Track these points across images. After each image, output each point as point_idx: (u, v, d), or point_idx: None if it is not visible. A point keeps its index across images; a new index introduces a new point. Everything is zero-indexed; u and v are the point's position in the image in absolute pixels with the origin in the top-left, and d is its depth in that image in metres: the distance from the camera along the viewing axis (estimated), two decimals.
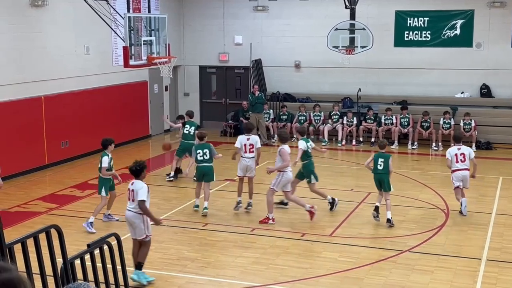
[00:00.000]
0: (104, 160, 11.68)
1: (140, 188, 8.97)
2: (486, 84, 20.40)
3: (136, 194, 8.97)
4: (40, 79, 16.41)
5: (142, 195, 8.92)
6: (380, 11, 20.86)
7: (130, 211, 9.12)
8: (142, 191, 8.95)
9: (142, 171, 9.18)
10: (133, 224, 9.10)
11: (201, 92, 23.56)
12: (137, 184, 9.11)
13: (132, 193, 9.09)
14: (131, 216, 9.10)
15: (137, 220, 9.05)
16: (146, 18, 15.17)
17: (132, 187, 9.12)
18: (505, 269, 9.76)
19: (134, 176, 9.20)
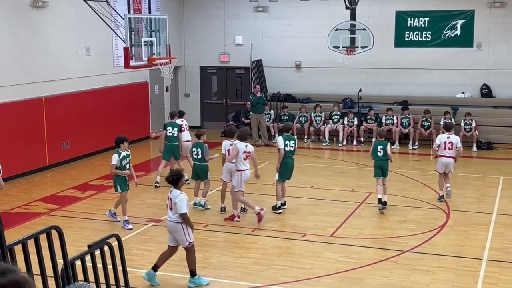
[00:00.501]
0: (113, 158, 11.67)
1: (180, 200, 8.96)
2: (487, 84, 20.40)
3: (175, 205, 8.98)
4: (41, 80, 16.42)
5: (183, 207, 8.95)
6: (381, 12, 20.86)
7: (169, 220, 9.14)
8: (183, 203, 8.96)
9: (179, 180, 9.14)
10: (174, 233, 9.13)
11: (202, 93, 23.56)
12: (174, 193, 9.10)
13: (170, 202, 9.11)
14: (171, 225, 9.13)
15: (177, 229, 9.07)
16: (146, 19, 15.18)
17: (171, 196, 9.13)
18: (506, 269, 9.76)
19: (172, 185, 9.18)
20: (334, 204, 13.36)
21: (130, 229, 11.63)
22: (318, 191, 14.28)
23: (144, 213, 12.85)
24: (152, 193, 14.63)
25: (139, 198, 14.04)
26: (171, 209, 9.08)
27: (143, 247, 10.82)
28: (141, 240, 11.25)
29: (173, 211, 9.05)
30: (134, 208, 13.25)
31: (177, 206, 8.93)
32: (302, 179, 15.15)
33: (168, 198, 9.18)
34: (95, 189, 14.79)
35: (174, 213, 9.02)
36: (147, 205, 13.43)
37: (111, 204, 13.50)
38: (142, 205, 13.49)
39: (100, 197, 14.17)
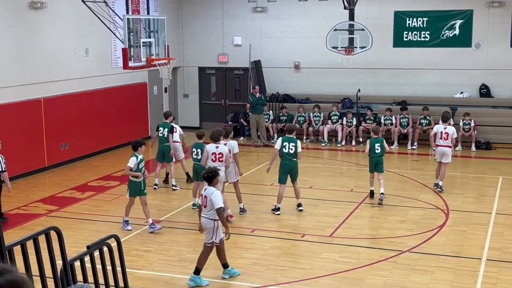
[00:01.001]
0: (131, 160, 11.45)
1: (215, 196, 9.07)
2: (486, 84, 20.41)
3: (210, 201, 9.07)
4: (40, 81, 16.41)
5: (218, 202, 9.04)
6: (379, 12, 20.86)
7: (203, 217, 9.25)
8: (218, 199, 9.06)
9: (214, 178, 9.25)
10: (205, 230, 9.28)
11: (201, 94, 23.56)
12: (209, 190, 9.19)
13: (205, 199, 9.19)
14: (204, 221, 9.24)
15: (208, 226, 9.18)
16: (145, 20, 15.17)
17: (205, 194, 9.22)
18: (505, 268, 9.76)
19: (207, 182, 9.29)
20: (333, 205, 13.36)
21: (129, 230, 11.63)
22: (317, 192, 14.27)
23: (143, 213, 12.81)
24: (151, 194, 14.59)
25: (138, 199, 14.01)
26: (205, 207, 9.18)
27: (143, 248, 10.82)
28: (140, 241, 11.24)
29: (207, 208, 9.15)
30: (133, 209, 13.22)
31: (213, 201, 9.02)
32: (301, 179, 15.07)
33: (203, 196, 9.29)
34: (94, 190, 14.78)
35: (208, 210, 9.13)
36: None
37: (110, 205, 13.54)
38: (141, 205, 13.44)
39: (99, 198, 14.17)
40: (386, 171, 15.97)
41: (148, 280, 9.46)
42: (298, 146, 12.48)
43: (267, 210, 12.98)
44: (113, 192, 14.59)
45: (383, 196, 13.28)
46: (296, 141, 12.56)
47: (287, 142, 12.47)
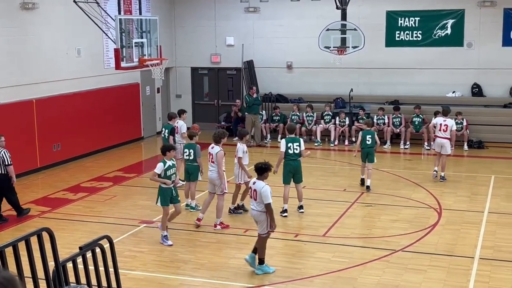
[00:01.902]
0: (158, 166, 10.83)
1: (265, 191, 9.24)
2: (477, 83, 20.47)
3: (260, 195, 9.27)
4: (32, 82, 16.36)
5: (269, 197, 9.23)
6: (371, 11, 20.90)
7: (253, 210, 9.48)
8: (267, 194, 9.24)
9: (266, 171, 9.49)
10: (258, 222, 9.51)
11: (193, 94, 23.53)
12: (258, 184, 9.38)
13: (254, 192, 9.36)
14: (256, 214, 9.47)
15: (261, 218, 9.44)
16: (137, 20, 15.13)
17: (255, 187, 9.39)
18: (497, 267, 9.79)
19: (258, 173, 9.48)
20: (326, 204, 13.37)
21: (170, 245, 10.84)
22: (310, 191, 14.27)
23: (136, 214, 12.82)
24: (144, 194, 14.59)
25: (131, 200, 14.02)
26: (255, 200, 9.36)
27: (135, 249, 10.79)
28: (133, 241, 11.21)
29: (257, 201, 9.35)
30: (126, 209, 13.24)
31: (263, 196, 9.23)
32: None
33: (252, 189, 9.44)
34: (87, 191, 14.74)
35: (259, 203, 9.32)
36: (139, 207, 13.40)
37: (103, 206, 13.50)
38: (134, 206, 13.46)
39: (92, 199, 14.13)
40: (379, 170, 16.06)
41: (142, 281, 9.45)
42: (302, 145, 12.49)
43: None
44: (105, 193, 14.56)
45: (369, 189, 14.14)
46: (299, 140, 12.61)
47: (291, 142, 12.44)
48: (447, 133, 14.96)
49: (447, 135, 14.98)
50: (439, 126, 15.06)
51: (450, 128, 14.97)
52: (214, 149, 11.90)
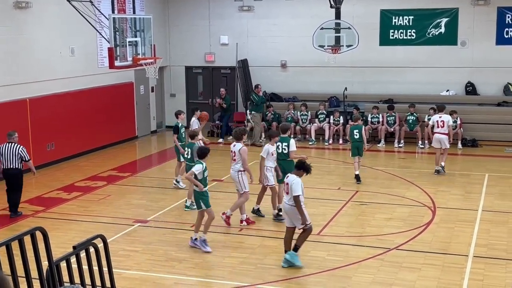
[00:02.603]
0: (197, 167, 10.48)
1: (296, 184, 9.46)
2: (471, 82, 20.51)
3: (291, 188, 9.43)
4: (25, 81, 16.30)
5: (297, 190, 9.41)
6: (365, 10, 20.91)
7: (286, 204, 9.61)
8: (298, 187, 9.44)
9: (302, 169, 9.70)
10: (291, 216, 9.65)
11: (188, 93, 23.50)
12: (291, 177, 9.62)
13: (287, 186, 9.55)
14: (288, 209, 9.61)
15: (293, 212, 9.53)
16: (131, 19, 15.10)
17: (287, 181, 9.59)
18: (491, 265, 9.82)
19: (296, 168, 9.74)
20: (321, 203, 13.37)
21: (209, 251, 10.48)
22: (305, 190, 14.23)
23: (130, 213, 12.81)
24: (138, 193, 14.59)
25: (125, 199, 14.00)
26: (287, 193, 9.55)
27: (129, 248, 10.77)
28: (128, 241, 11.19)
29: (289, 195, 9.51)
30: (120, 209, 13.21)
31: (292, 188, 9.40)
32: None
33: (285, 183, 9.66)
34: (81, 191, 14.71)
35: (291, 197, 9.49)
36: (133, 206, 13.39)
37: (97, 205, 13.48)
38: (128, 205, 13.44)
39: (86, 198, 14.10)
40: (373, 168, 16.12)
41: (136, 280, 9.43)
42: (291, 145, 12.17)
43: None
44: (100, 193, 14.53)
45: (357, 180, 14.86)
46: (289, 140, 12.27)
47: (280, 142, 12.27)
48: (444, 128, 15.48)
49: (444, 130, 15.50)
50: (436, 123, 15.52)
51: (447, 123, 15.53)
52: (236, 146, 11.81)
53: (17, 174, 12.66)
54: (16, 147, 12.60)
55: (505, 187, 14.53)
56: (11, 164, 12.54)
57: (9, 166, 12.56)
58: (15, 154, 12.54)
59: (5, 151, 12.54)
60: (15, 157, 12.53)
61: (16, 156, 12.54)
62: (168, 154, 19.86)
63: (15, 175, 12.64)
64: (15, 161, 12.55)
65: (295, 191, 9.40)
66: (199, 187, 10.44)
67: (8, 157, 12.52)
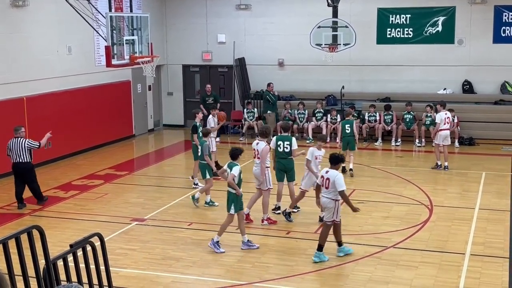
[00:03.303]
0: (235, 169, 10.33)
1: (339, 178, 9.77)
2: (468, 80, 20.53)
3: (334, 184, 9.72)
4: (22, 80, 16.28)
5: (343, 184, 9.75)
6: (363, 9, 20.91)
7: (323, 197, 9.91)
8: (341, 181, 9.75)
9: (340, 161, 10.10)
10: (326, 209, 9.98)
11: (185, 91, 23.49)
12: (332, 172, 9.86)
13: (327, 181, 9.81)
14: (325, 201, 9.91)
15: (330, 205, 9.86)
16: (128, 18, 15.07)
17: (327, 176, 9.85)
18: (488, 263, 9.83)
19: (332, 164, 9.98)
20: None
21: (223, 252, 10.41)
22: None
23: (127, 212, 12.80)
24: (135, 192, 14.58)
25: (122, 198, 14.00)
26: (326, 188, 9.81)
27: (127, 247, 10.77)
28: (125, 239, 11.20)
29: (329, 190, 9.78)
30: (118, 207, 13.21)
31: (336, 184, 9.70)
32: None
33: (324, 178, 9.90)
34: (78, 189, 14.70)
35: (330, 192, 9.77)
36: (130, 205, 13.38)
37: (94, 204, 13.47)
38: (126, 204, 13.44)
39: (83, 197, 14.09)
40: (370, 167, 16.13)
41: (133, 278, 9.43)
42: (293, 144, 12.13)
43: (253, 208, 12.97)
44: (97, 191, 14.52)
45: (352, 172, 15.31)
46: (290, 139, 12.22)
47: (281, 140, 12.23)
48: (449, 124, 16.14)
49: (448, 126, 16.15)
50: (444, 120, 15.90)
51: (451, 119, 16.35)
52: (260, 144, 11.81)
53: (27, 168, 13.04)
54: (22, 141, 12.99)
55: (502, 186, 14.55)
56: (20, 158, 12.95)
57: (19, 160, 12.96)
58: (23, 148, 12.92)
59: (14, 146, 12.95)
60: (23, 151, 12.93)
61: (24, 150, 12.93)
62: (165, 152, 19.89)
63: (25, 168, 13.02)
64: (24, 154, 12.94)
65: (340, 186, 9.70)
66: (238, 192, 10.31)
67: (16, 151, 12.92)
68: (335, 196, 9.79)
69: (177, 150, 20.04)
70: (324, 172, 10.02)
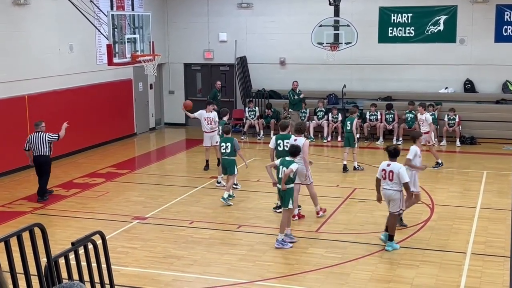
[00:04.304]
0: (294, 166, 10.49)
1: (403, 171, 10.17)
2: (470, 80, 20.52)
3: (398, 176, 10.08)
4: (24, 78, 16.30)
5: (406, 177, 10.13)
6: (364, 8, 20.91)
7: (388, 189, 10.25)
8: (405, 174, 10.15)
9: (399, 154, 10.41)
10: (392, 201, 10.28)
11: (186, 90, 23.49)
12: (395, 165, 10.22)
13: (390, 173, 10.17)
14: (391, 193, 10.25)
15: (395, 197, 10.23)
16: (129, 16, 15.08)
17: (390, 169, 10.21)
18: (489, 262, 9.83)
19: (392, 157, 10.33)
20: (319, 200, 13.31)
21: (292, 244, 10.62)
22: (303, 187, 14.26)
23: (128, 210, 12.81)
24: (137, 190, 14.59)
25: (123, 196, 14.01)
26: (390, 180, 10.17)
27: (128, 245, 10.78)
28: (126, 237, 11.21)
29: (393, 182, 10.16)
30: (119, 206, 13.22)
31: (400, 176, 10.06)
32: None
33: (386, 171, 10.25)
34: (80, 187, 14.72)
35: (395, 183, 10.15)
36: (132, 203, 13.39)
37: (96, 202, 13.49)
38: (127, 202, 13.45)
39: (85, 195, 14.11)
40: (372, 166, 16.14)
41: (134, 277, 9.44)
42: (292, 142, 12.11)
43: (253, 206, 13.01)
44: (98, 189, 14.54)
45: (358, 167, 15.86)
46: (290, 137, 12.18)
47: (281, 139, 12.19)
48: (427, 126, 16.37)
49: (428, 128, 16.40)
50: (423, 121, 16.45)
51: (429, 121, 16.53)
52: (298, 140, 11.70)
53: (46, 161, 13.52)
54: (43, 135, 13.45)
55: (503, 185, 14.54)
56: (40, 152, 13.38)
57: (39, 153, 13.39)
58: (43, 142, 13.38)
59: (34, 140, 13.40)
60: (43, 145, 13.38)
61: (45, 144, 13.39)
62: (167, 151, 19.92)
63: (44, 162, 13.48)
64: (44, 148, 13.39)
65: (404, 178, 10.07)
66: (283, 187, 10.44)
67: (37, 145, 13.36)
68: (400, 188, 10.17)
69: (178, 148, 20.06)
70: (386, 165, 10.35)
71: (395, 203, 10.28)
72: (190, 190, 14.16)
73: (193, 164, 17.33)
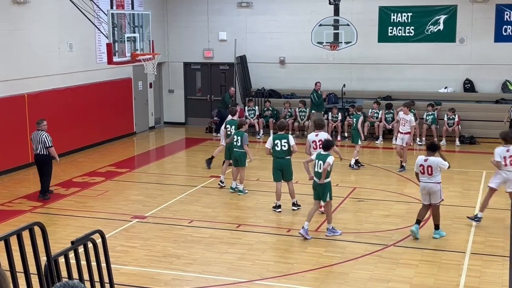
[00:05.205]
0: (332, 159, 10.94)
1: (440, 160, 10.73)
2: (469, 79, 20.53)
3: (437, 168, 10.65)
4: (24, 77, 16.29)
5: (445, 164, 10.74)
6: (364, 7, 20.91)
7: (429, 183, 10.72)
8: (443, 161, 10.73)
9: (436, 148, 10.92)
10: (433, 193, 10.74)
11: (186, 89, 23.49)
12: (433, 159, 10.73)
13: (429, 168, 10.67)
14: (432, 186, 10.73)
15: (436, 189, 10.72)
16: (129, 15, 15.08)
17: (428, 164, 10.69)
18: (489, 262, 9.85)
19: (431, 151, 10.82)
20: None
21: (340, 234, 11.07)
22: (303, 187, 14.26)
23: (128, 209, 12.82)
24: (136, 189, 14.59)
25: (123, 195, 14.01)
26: (430, 174, 10.67)
27: (128, 244, 10.79)
28: (126, 236, 11.21)
29: (432, 175, 10.66)
30: (118, 204, 13.23)
31: (441, 165, 10.68)
32: None
33: (425, 166, 10.70)
34: (79, 186, 14.72)
35: (435, 176, 10.67)
36: (131, 202, 13.40)
37: (95, 201, 13.49)
38: (126, 201, 13.45)
39: (84, 194, 14.11)
40: (371, 165, 16.17)
41: (134, 275, 9.45)
42: (291, 141, 12.27)
43: (252, 205, 13.01)
44: (98, 188, 14.54)
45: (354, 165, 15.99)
46: (287, 137, 12.32)
47: (278, 139, 12.26)
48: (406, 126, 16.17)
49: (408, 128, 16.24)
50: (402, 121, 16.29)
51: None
52: (320, 135, 12.35)
53: (43, 160, 13.45)
54: (41, 134, 13.39)
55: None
56: (37, 150, 13.41)
57: (36, 152, 13.45)
58: (40, 141, 13.35)
59: (34, 138, 13.48)
60: (40, 143, 13.36)
61: (41, 143, 13.36)
62: (166, 150, 19.91)
63: (41, 160, 13.46)
64: (41, 147, 13.37)
65: (445, 165, 10.71)
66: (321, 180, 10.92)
67: (35, 143, 13.42)
68: (439, 180, 10.68)
69: (178, 147, 20.06)
70: (423, 160, 10.76)
71: (436, 195, 10.71)
72: (189, 189, 14.17)
73: (193, 163, 17.34)
